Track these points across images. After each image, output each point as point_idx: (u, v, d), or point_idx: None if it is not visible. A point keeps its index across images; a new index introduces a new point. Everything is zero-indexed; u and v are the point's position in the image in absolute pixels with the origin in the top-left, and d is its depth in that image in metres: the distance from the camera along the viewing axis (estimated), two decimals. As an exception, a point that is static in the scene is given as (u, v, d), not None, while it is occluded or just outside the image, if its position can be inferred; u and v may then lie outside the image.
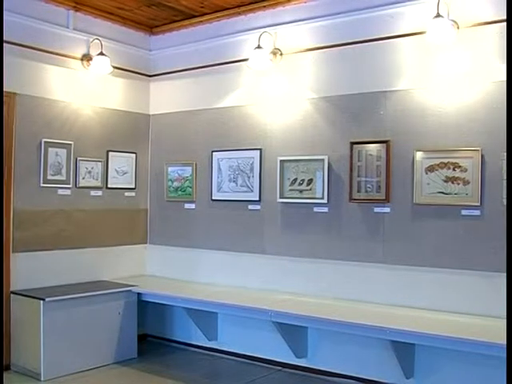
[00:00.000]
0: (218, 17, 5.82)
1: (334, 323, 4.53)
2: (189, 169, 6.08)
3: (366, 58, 5.04)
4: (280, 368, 5.36)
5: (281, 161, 5.41)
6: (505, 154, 4.34)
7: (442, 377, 4.56)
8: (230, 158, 5.78)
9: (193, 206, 6.10)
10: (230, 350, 5.72)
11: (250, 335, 5.54)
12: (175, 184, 6.19)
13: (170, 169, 6.23)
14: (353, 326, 4.44)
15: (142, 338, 6.05)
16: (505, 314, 4.23)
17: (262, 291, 5.43)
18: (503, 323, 4.21)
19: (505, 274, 4.34)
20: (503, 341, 3.82)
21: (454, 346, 4.07)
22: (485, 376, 4.36)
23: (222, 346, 5.78)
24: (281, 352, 5.27)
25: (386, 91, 4.92)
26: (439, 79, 4.69)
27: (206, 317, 5.64)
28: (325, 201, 5.17)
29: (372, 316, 4.54)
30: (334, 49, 5.18)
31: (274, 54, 5.44)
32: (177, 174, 6.18)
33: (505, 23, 4.38)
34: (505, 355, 3.85)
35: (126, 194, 6.24)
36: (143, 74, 6.37)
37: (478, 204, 4.49)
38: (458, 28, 4.56)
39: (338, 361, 5.06)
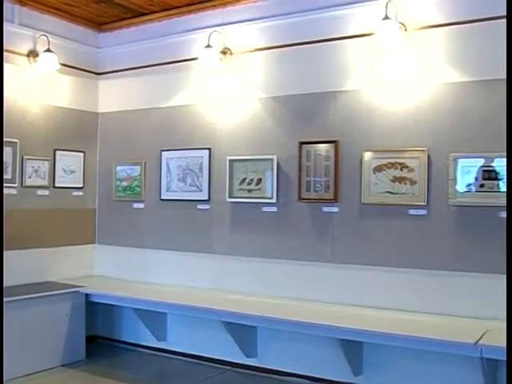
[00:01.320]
0: (167, 15, 5.78)
1: (283, 322, 4.55)
2: (137, 168, 6.03)
3: (315, 59, 5.07)
4: (229, 368, 5.35)
5: (230, 160, 5.40)
6: (452, 154, 4.45)
7: (389, 373, 4.62)
8: (179, 158, 5.74)
9: (141, 205, 6.05)
10: (179, 351, 5.69)
11: (200, 335, 5.51)
12: (124, 183, 6.13)
13: (118, 168, 6.16)
14: (302, 325, 4.46)
15: (91, 340, 5.95)
16: (454, 311, 4.42)
17: (212, 291, 5.41)
18: (449, 320, 4.34)
19: (452, 272, 4.49)
20: (447, 337, 3.94)
21: (402, 343, 4.13)
22: (430, 372, 4.44)
23: (171, 347, 5.74)
24: (230, 352, 5.26)
25: (334, 91, 4.97)
26: (387, 80, 4.76)
27: (155, 317, 5.60)
28: (274, 200, 5.19)
29: (321, 315, 4.57)
30: (284, 49, 5.20)
31: (224, 53, 5.43)
32: (125, 174, 6.11)
33: (451, 27, 4.53)
34: (448, 351, 4.00)
35: (74, 193, 6.14)
36: (91, 71, 6.28)
37: (425, 204, 4.58)
38: (405, 30, 4.63)
39: (287, 360, 5.07)
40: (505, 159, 4.24)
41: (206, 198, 5.58)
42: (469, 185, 4.41)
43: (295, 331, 4.65)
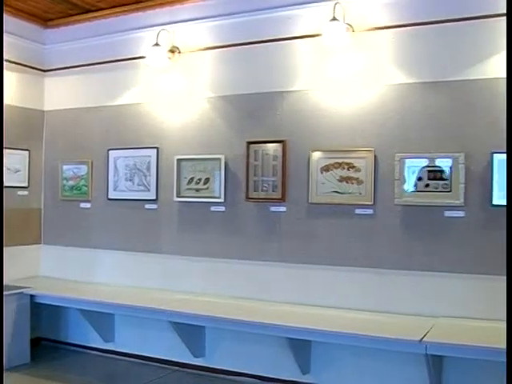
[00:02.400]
0: (115, 12, 5.70)
1: (231, 322, 4.54)
2: (84, 167, 5.94)
3: (263, 58, 5.08)
4: (178, 368, 5.32)
5: (178, 160, 5.37)
6: (398, 154, 4.51)
7: (337, 371, 4.67)
8: (126, 157, 5.68)
9: (88, 205, 5.96)
10: (127, 352, 5.62)
11: (148, 336, 5.47)
12: (70, 183, 6.02)
13: (64, 167, 6.06)
14: (250, 324, 4.47)
15: (36, 342, 5.83)
16: (399, 309, 4.49)
17: (160, 291, 5.37)
18: (394, 318, 4.41)
19: (398, 271, 4.57)
20: (392, 335, 4.00)
21: (349, 341, 4.17)
22: (377, 369, 4.50)
23: (119, 348, 5.67)
24: (178, 352, 5.23)
25: (282, 91, 4.99)
26: (335, 81, 4.81)
27: (102, 318, 5.52)
28: (222, 200, 5.19)
29: (269, 314, 4.59)
30: (233, 48, 5.19)
31: (172, 51, 5.39)
32: (72, 173, 6.01)
33: (398, 29, 4.60)
34: (394, 348, 4.05)
35: (19, 192, 6.01)
36: (37, 68, 6.15)
37: (372, 203, 4.64)
38: (353, 31, 4.68)
39: (235, 359, 5.07)
40: (450, 160, 4.37)
41: (154, 197, 5.54)
42: (414, 185, 4.48)
43: (243, 331, 4.64)
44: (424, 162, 4.47)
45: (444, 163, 4.41)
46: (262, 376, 4.96)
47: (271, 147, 4.98)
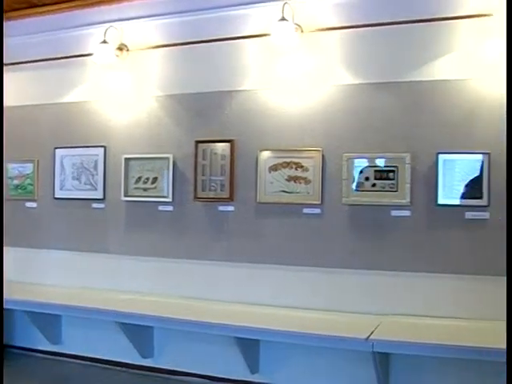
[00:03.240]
0: (62, 8, 5.58)
1: (179, 322, 4.51)
2: (30, 166, 5.80)
3: (212, 57, 5.06)
4: (126, 369, 5.25)
5: (125, 159, 5.31)
6: (345, 154, 4.55)
7: (286, 370, 4.68)
8: (73, 156, 5.58)
9: (34, 204, 5.84)
10: (74, 354, 5.52)
11: (95, 337, 5.37)
12: (15, 182, 5.89)
13: (9, 166, 5.92)
14: (198, 324, 4.44)
15: (-21, 346, 5.72)
16: (346, 308, 4.55)
17: (107, 291, 5.29)
18: (341, 316, 4.46)
19: (345, 270, 4.61)
20: (339, 333, 4.04)
21: (297, 340, 4.19)
22: (325, 367, 4.53)
23: (66, 350, 5.57)
24: (126, 353, 5.16)
25: (231, 91, 4.98)
26: (283, 81, 4.82)
27: (48, 320, 5.41)
28: (170, 199, 5.15)
29: (217, 314, 4.58)
30: (181, 47, 5.15)
31: (120, 49, 5.31)
32: (17, 171, 5.88)
33: (347, 30, 4.64)
34: (341, 346, 4.09)
35: (-38, 192, 5.86)
36: (-20, 64, 6.01)
37: (319, 203, 4.67)
38: (301, 32, 4.69)
39: (184, 359, 5.04)
40: (396, 160, 4.43)
41: (101, 196, 5.47)
42: (361, 184, 4.53)
43: (191, 331, 4.61)
44: (371, 162, 4.52)
45: (391, 163, 4.47)
46: (211, 376, 4.94)
47: (219, 146, 4.97)
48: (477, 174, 4.27)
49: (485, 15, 4.23)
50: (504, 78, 4.15)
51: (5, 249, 5.89)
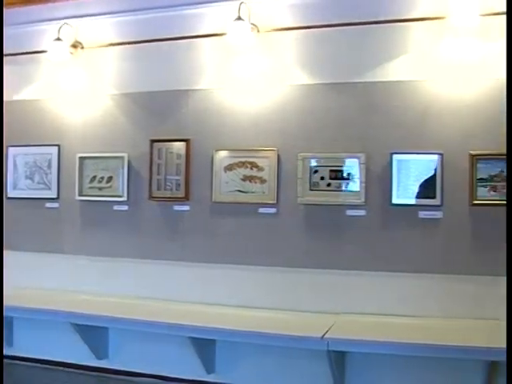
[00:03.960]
0: (15, 3, 5.42)
1: (134, 322, 4.47)
2: (-19, 165, 5.70)
3: (168, 56, 5.02)
4: (81, 371, 5.16)
5: (80, 157, 5.24)
6: (300, 154, 4.57)
7: (242, 370, 4.66)
8: (26, 154, 5.48)
9: (-15, 204, 5.73)
10: (27, 356, 5.38)
11: (49, 339, 5.26)
12: (-34, 181, 5.77)
13: (-40, 165, 5.80)
14: (153, 324, 4.41)
15: None
16: (302, 307, 4.56)
17: (61, 292, 5.20)
18: (297, 316, 4.48)
19: (300, 269, 4.64)
20: (295, 332, 4.07)
21: (252, 339, 4.19)
22: (281, 366, 4.53)
23: (18, 353, 5.42)
24: (81, 355, 5.07)
25: (187, 90, 4.95)
26: (239, 80, 4.81)
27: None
28: (125, 199, 5.10)
29: (172, 314, 4.55)
30: (137, 45, 5.09)
31: (75, 47, 5.23)
32: (-33, 171, 5.76)
33: (303, 30, 4.65)
34: (297, 345, 4.11)
35: None
36: None
37: (275, 202, 4.68)
38: (258, 31, 4.69)
39: (139, 360, 4.98)
40: (351, 159, 4.48)
41: (55, 196, 5.38)
42: (316, 184, 4.55)
43: (147, 331, 4.57)
44: (326, 162, 4.55)
45: (346, 163, 4.51)
46: (167, 376, 4.89)
47: (175, 146, 4.94)
48: (430, 174, 4.33)
49: (439, 18, 4.29)
50: (455, 79, 4.32)
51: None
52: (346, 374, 4.35)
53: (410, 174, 4.37)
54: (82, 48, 5.26)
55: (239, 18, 4.55)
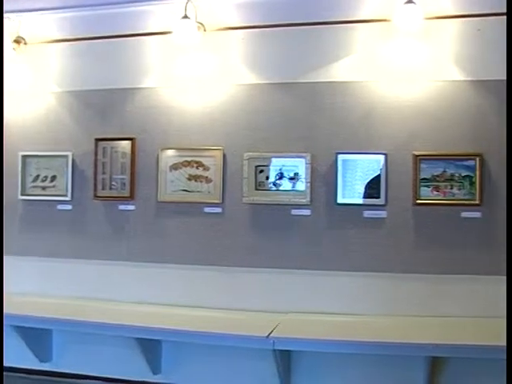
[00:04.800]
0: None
1: (78, 324, 4.40)
2: None
3: (112, 54, 4.96)
4: (24, 375, 5.05)
5: (22, 156, 5.12)
6: (246, 154, 4.59)
7: (189, 370, 4.64)
8: (-35, 152, 5.34)
9: None
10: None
11: (-12, 342, 5.19)
12: None
13: None
14: (97, 325, 4.36)
15: None
16: (247, 306, 4.57)
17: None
18: (242, 315, 4.48)
19: (245, 268, 4.65)
20: (240, 332, 4.08)
21: (198, 339, 4.19)
22: (228, 365, 4.53)
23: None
24: (24, 358, 4.96)
25: (132, 88, 4.90)
26: (185, 79, 4.79)
27: None
28: (69, 198, 5.02)
29: (118, 314, 4.50)
30: (81, 42, 5.01)
31: (18, 42, 5.09)
32: None
33: (248, 30, 4.66)
34: (242, 345, 4.12)
35: None
36: None
37: (220, 202, 4.68)
38: (204, 30, 4.68)
39: (84, 362, 4.91)
40: (297, 159, 4.51)
41: (-3, 195, 5.26)
42: (262, 183, 4.57)
43: (91, 332, 4.51)
44: (272, 162, 4.57)
45: (291, 163, 4.54)
46: (113, 378, 4.83)
47: (120, 144, 4.88)
48: (375, 174, 4.39)
49: (384, 20, 4.37)
50: (399, 80, 4.39)
51: None
52: (292, 372, 4.38)
53: (355, 174, 4.43)
54: (25, 44, 5.13)
55: (185, 17, 4.53)
